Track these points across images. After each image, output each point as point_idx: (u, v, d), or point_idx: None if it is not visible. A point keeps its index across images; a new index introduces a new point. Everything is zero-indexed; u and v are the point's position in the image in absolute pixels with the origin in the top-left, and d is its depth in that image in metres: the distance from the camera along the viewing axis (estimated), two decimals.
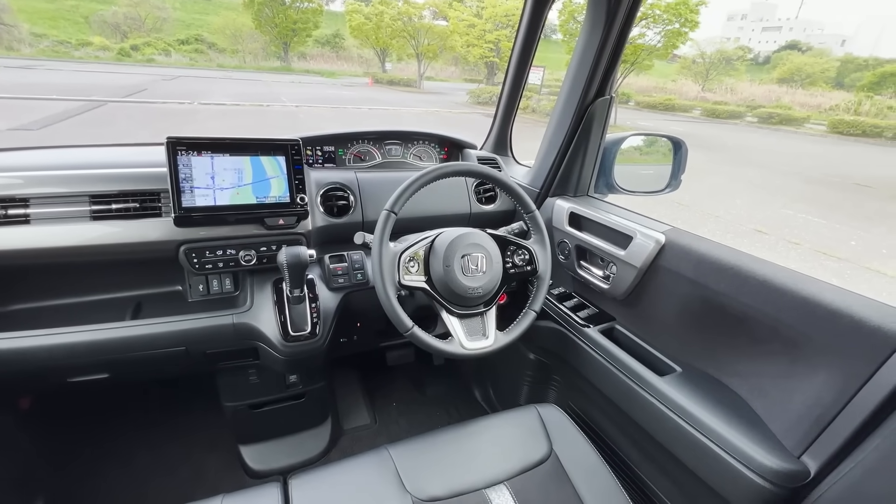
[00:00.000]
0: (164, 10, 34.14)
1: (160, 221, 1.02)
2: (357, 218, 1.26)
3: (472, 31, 22.36)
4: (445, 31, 24.25)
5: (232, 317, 1.10)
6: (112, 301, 1.15)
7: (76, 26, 31.74)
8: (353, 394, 1.81)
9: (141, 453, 1.51)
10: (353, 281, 1.20)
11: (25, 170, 1.00)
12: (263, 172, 1.07)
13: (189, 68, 25.71)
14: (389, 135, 1.49)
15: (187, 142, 0.99)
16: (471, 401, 1.86)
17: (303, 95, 15.83)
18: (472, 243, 1.00)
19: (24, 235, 0.93)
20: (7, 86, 11.41)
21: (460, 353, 0.96)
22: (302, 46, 31.99)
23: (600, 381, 1.18)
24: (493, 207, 1.45)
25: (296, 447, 1.53)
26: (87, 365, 1.05)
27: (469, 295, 0.97)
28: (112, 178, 1.01)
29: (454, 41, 23.89)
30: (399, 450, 0.94)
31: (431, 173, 1.00)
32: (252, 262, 1.10)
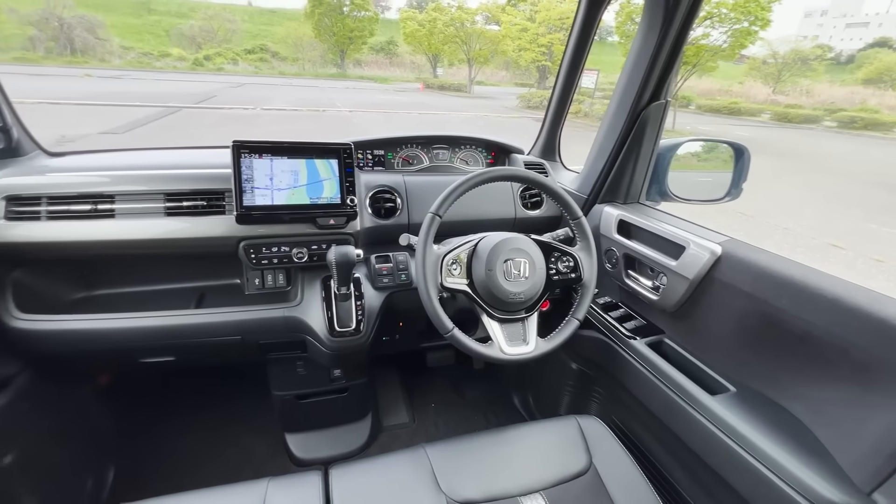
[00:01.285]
0: (234, 22, 36.69)
1: (223, 219, 1.10)
2: (403, 220, 1.29)
3: (524, 36, 22.19)
4: (497, 36, 24.23)
5: (283, 310, 1.17)
6: (179, 291, 1.26)
7: (158, 39, 34.81)
8: (393, 392, 1.85)
9: (198, 434, 1.62)
10: (397, 281, 1.23)
11: (112, 169, 1.12)
12: (317, 174, 1.13)
13: (254, 76, 27.42)
14: (437, 139, 1.52)
15: (250, 145, 1.06)
16: (509, 407, 1.84)
17: (356, 101, 16.39)
18: (515, 248, 0.99)
19: (109, 228, 1.04)
20: (100, 94, 12.71)
21: (499, 358, 0.96)
22: (357, 53, 33.19)
23: (646, 395, 1.13)
24: (538, 213, 1.44)
25: (337, 439, 1.58)
26: (156, 347, 1.15)
27: (510, 300, 0.97)
28: (184, 178, 1.11)
29: (506, 46, 23.81)
30: (436, 450, 0.95)
31: (476, 178, 1.01)
32: (304, 259, 1.16)
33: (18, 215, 1.00)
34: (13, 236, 0.99)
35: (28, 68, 19.09)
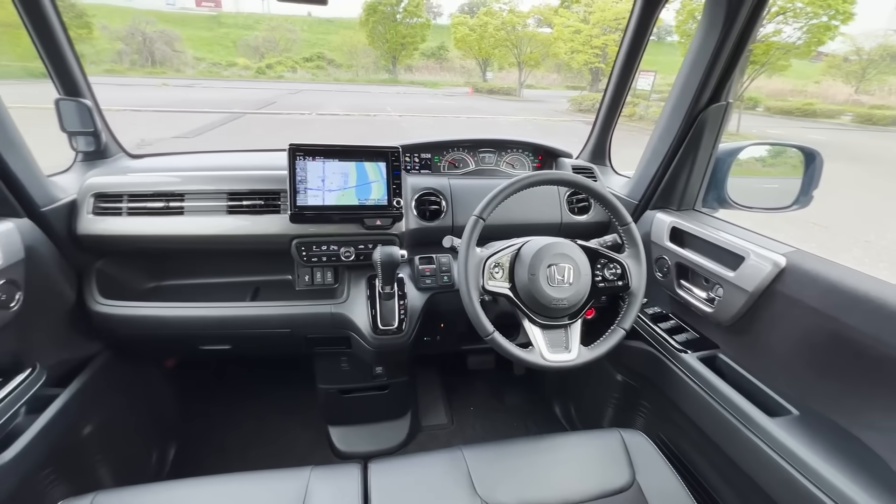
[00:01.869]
0: (294, 32, 38.67)
1: (278, 217, 1.17)
2: (447, 222, 1.30)
3: (577, 38, 21.71)
4: (549, 39, 23.89)
5: (330, 306, 1.21)
6: (236, 284, 1.34)
7: (226, 50, 37.33)
8: (432, 392, 1.87)
9: (248, 420, 1.72)
10: (439, 283, 1.25)
11: (183, 170, 1.22)
12: (366, 176, 1.17)
13: (310, 83, 28.72)
14: (483, 143, 1.53)
15: (304, 148, 1.13)
16: (550, 416, 1.80)
17: (406, 105, 16.74)
18: (559, 253, 0.98)
19: (179, 224, 1.14)
20: (174, 101, 13.84)
21: (540, 364, 0.95)
22: (409, 59, 33.91)
23: (697, 413, 1.07)
24: (585, 218, 1.40)
25: (377, 435, 1.62)
26: (215, 336, 1.24)
27: (553, 305, 0.96)
28: (244, 179, 1.19)
29: (557, 48, 23.41)
30: (473, 452, 0.95)
31: (522, 181, 1.00)
32: (351, 258, 1.20)
33: (103, 211, 1.12)
34: (99, 229, 1.11)
35: (116, 79, 21.13)
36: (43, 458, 0.96)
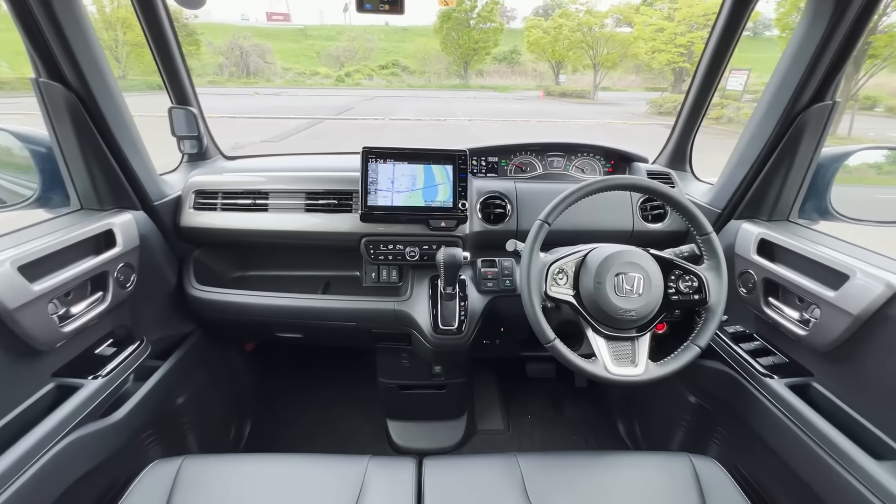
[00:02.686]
0: (372, 41, 40.60)
1: (350, 216, 1.23)
2: (512, 226, 1.29)
3: (659, 36, 20.53)
4: (628, 38, 22.82)
5: (394, 304, 1.26)
6: (310, 278, 1.44)
7: (310, 60, 40.11)
8: (489, 397, 1.86)
9: (315, 407, 1.83)
10: (501, 286, 1.24)
11: (268, 171, 1.34)
12: (433, 179, 1.20)
13: (385, 89, 29.98)
14: (552, 146, 1.49)
15: (376, 151, 1.18)
16: (612, 433, 1.71)
17: (476, 110, 16.85)
18: (629, 262, 0.93)
19: (264, 219, 1.25)
20: (263, 108, 15.15)
21: (603, 376, 0.91)
22: (480, 64, 34.16)
23: (783, 446, 0.96)
24: (660, 227, 1.32)
25: (433, 433, 1.64)
26: (289, 324, 1.33)
27: (620, 316, 0.91)
28: (321, 180, 1.27)
29: (637, 48, 22.29)
30: (529, 460, 0.94)
31: (591, 186, 0.97)
32: (415, 257, 1.24)
33: (202, 206, 1.26)
34: (197, 222, 1.25)
35: (216, 89, 23.56)
36: (145, 420, 1.10)
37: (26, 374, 0.85)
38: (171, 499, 0.83)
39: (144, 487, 0.85)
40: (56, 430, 0.82)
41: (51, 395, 0.89)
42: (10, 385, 0.82)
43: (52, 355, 0.90)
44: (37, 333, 0.81)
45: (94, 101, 0.95)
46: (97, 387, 0.93)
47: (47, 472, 0.79)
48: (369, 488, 0.88)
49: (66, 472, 0.85)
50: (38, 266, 0.83)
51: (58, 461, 0.82)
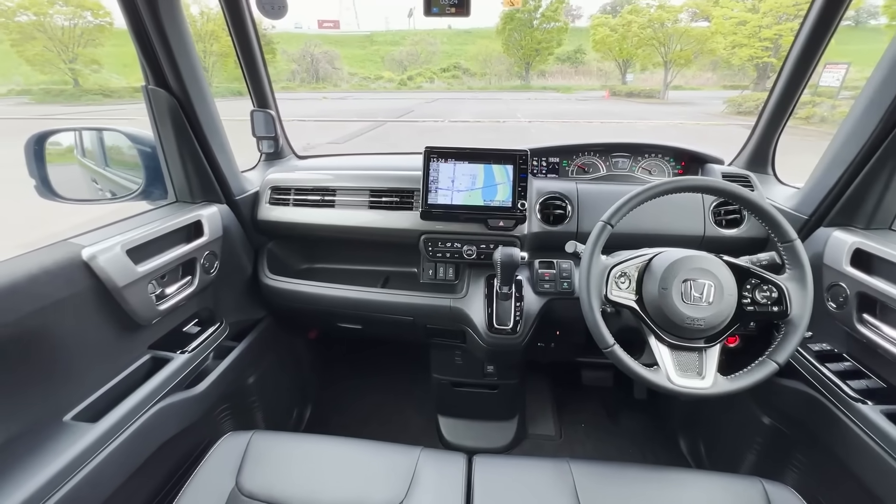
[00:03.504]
0: (434, 44, 41.31)
1: (410, 214, 1.27)
2: (571, 228, 1.27)
3: (741, 30, 18.98)
4: (705, 34, 21.35)
5: (450, 301, 1.28)
6: (370, 272, 1.50)
7: (375, 65, 41.58)
8: (542, 401, 1.83)
9: (371, 397, 1.90)
10: (558, 288, 1.22)
11: (335, 170, 1.42)
12: (493, 178, 1.20)
13: (445, 92, 30.35)
14: (617, 147, 1.44)
15: (438, 150, 1.21)
16: (673, 449, 1.62)
17: (536, 111, 16.58)
18: (698, 268, 0.88)
19: (331, 215, 1.32)
20: (330, 112, 15.94)
21: (665, 387, 0.87)
22: (543, 65, 33.58)
23: (881, 485, 0.86)
24: (735, 232, 1.23)
25: (483, 433, 1.65)
26: (350, 315, 1.40)
27: (687, 325, 0.86)
28: (384, 178, 1.33)
29: (715, 43, 20.78)
30: (581, 468, 0.92)
31: (659, 187, 0.93)
32: (472, 256, 1.25)
33: (277, 201, 1.36)
34: (272, 216, 1.35)
35: (288, 94, 25.16)
36: (221, 395, 1.21)
37: (129, 345, 0.97)
38: (241, 467, 0.90)
39: (219, 455, 0.94)
40: (150, 396, 0.93)
41: (147, 365, 1.00)
42: (117, 353, 0.94)
43: (148, 330, 1.02)
44: (138, 309, 0.92)
45: (191, 105, 1.06)
46: (184, 361, 1.03)
47: (142, 432, 0.90)
48: (420, 478, 0.90)
49: (157, 435, 0.96)
50: (141, 251, 0.94)
51: (150, 424, 0.92)
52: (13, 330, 0.71)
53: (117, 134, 1.22)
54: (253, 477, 0.89)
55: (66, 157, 1.29)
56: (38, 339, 0.77)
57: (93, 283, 0.84)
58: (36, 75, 24.94)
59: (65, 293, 0.79)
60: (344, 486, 0.88)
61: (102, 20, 24.40)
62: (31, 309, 0.74)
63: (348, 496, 0.86)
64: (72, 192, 1.16)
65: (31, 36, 23.16)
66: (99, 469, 0.80)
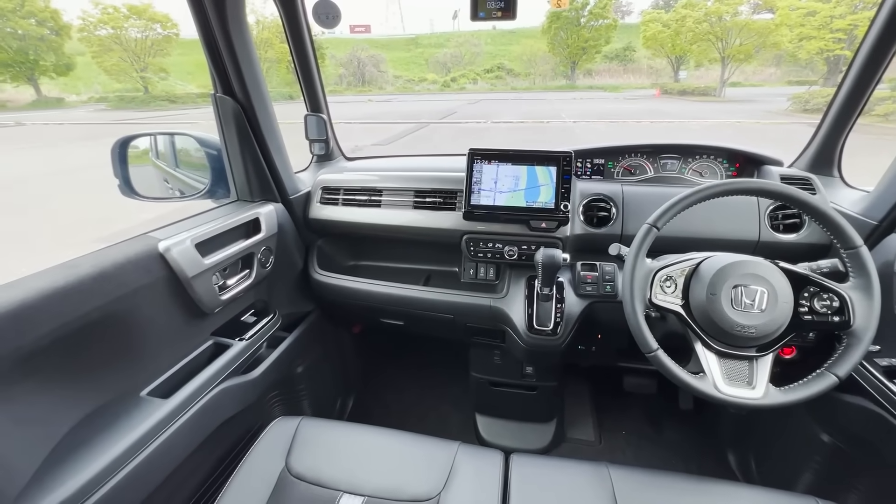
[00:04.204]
0: (479, 45, 41.31)
1: (453, 214, 1.30)
2: (616, 230, 1.25)
3: (809, 21, 17.63)
4: (768, 26, 20.02)
5: (490, 300, 1.30)
6: (413, 270, 1.54)
7: (419, 67, 42.13)
8: (581, 406, 1.80)
9: (410, 392, 1.95)
10: (600, 291, 1.20)
11: (380, 171, 1.47)
12: (536, 180, 1.21)
13: (489, 93, 30.27)
14: (665, 148, 1.40)
15: (482, 152, 1.24)
16: (720, 463, 1.55)
17: (582, 111, 16.19)
18: (750, 273, 0.85)
19: (377, 214, 1.38)
20: (376, 114, 16.35)
21: (711, 395, 0.84)
22: (589, 63, 32.74)
23: None
24: (793, 238, 1.17)
25: (520, 434, 1.65)
26: (393, 311, 1.45)
27: (736, 332, 0.83)
28: (428, 179, 1.36)
29: (780, 36, 19.45)
30: (621, 474, 0.91)
31: (708, 189, 0.90)
32: (513, 256, 1.26)
33: (327, 200, 1.43)
34: (322, 214, 1.42)
35: (336, 98, 26.02)
36: (273, 382, 1.29)
37: (195, 330, 1.06)
38: (290, 450, 0.96)
39: (271, 438, 1.01)
40: (213, 378, 1.01)
41: (210, 350, 1.09)
42: (185, 337, 1.03)
43: (212, 318, 1.11)
44: (204, 298, 1.01)
45: (253, 111, 1.15)
46: (241, 348, 1.12)
47: (205, 411, 0.98)
48: (458, 472, 0.93)
49: (217, 414, 1.04)
50: (208, 245, 1.03)
51: (212, 403, 1.00)
52: (102, 312, 0.81)
53: (187, 138, 1.33)
54: (301, 459, 0.95)
55: (142, 158, 1.43)
56: (122, 321, 0.86)
57: (166, 273, 0.93)
58: (112, 83, 27.34)
59: (144, 281, 0.88)
60: (385, 474, 0.92)
61: (170, 31, 26.36)
62: (117, 294, 0.83)
63: (389, 484, 0.90)
64: (147, 191, 1.29)
65: (108, 48, 25.35)
66: (169, 441, 0.88)
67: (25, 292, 0.69)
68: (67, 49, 24.52)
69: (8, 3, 22.59)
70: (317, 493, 0.88)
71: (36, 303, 0.69)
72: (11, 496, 0.66)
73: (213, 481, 1.11)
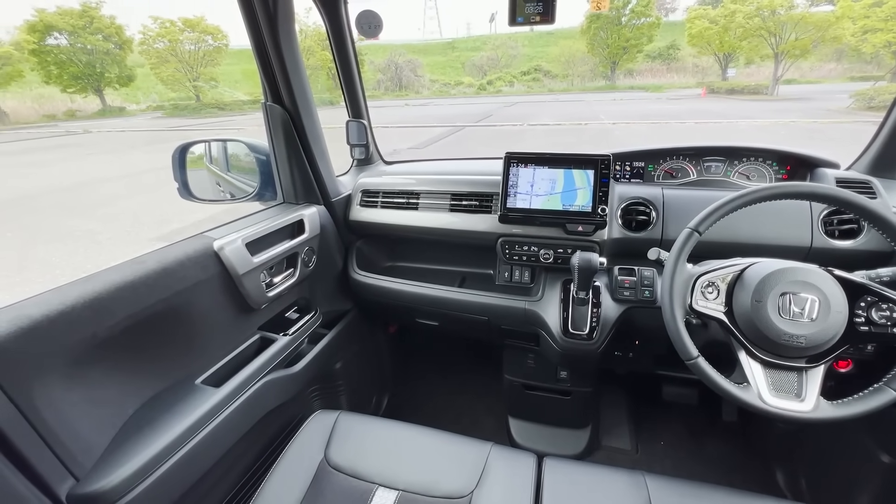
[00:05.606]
0: (515, 48, 41.04)
1: (489, 217, 1.32)
2: (656, 235, 1.22)
3: (875, 12, 16.39)
4: (827, 19, 18.77)
5: (525, 303, 1.30)
6: (448, 272, 1.57)
7: (455, 71, 42.36)
8: (617, 414, 1.76)
9: (444, 392, 1.97)
10: (639, 296, 1.18)
11: (417, 174, 1.51)
12: (573, 183, 1.20)
13: (525, 95, 30.02)
14: (709, 150, 1.35)
15: (518, 156, 1.24)
16: (768, 481, 1.47)
17: (622, 112, 15.75)
18: (800, 281, 0.81)
19: (415, 216, 1.41)
20: (412, 118, 16.57)
21: (755, 405, 0.81)
22: (630, 63, 31.81)
23: None
24: (850, 244, 1.10)
25: (553, 439, 1.63)
26: (428, 312, 1.48)
27: (784, 342, 0.80)
28: (464, 183, 1.38)
29: (841, 29, 18.19)
30: (659, 483, 0.89)
31: (754, 194, 0.87)
32: (549, 260, 1.26)
33: (367, 203, 1.48)
34: (362, 217, 1.47)
35: (373, 102, 26.59)
36: (313, 376, 1.34)
37: (244, 324, 1.13)
38: (329, 442, 1.01)
39: (311, 430, 1.05)
40: (259, 370, 1.08)
41: (256, 344, 1.16)
42: (236, 331, 1.10)
43: (259, 314, 1.17)
44: (253, 294, 1.07)
45: (300, 118, 1.21)
46: (285, 342, 1.18)
47: (252, 401, 1.04)
48: (490, 472, 0.94)
49: (263, 404, 1.10)
50: (256, 244, 1.09)
51: (258, 394, 1.07)
52: (165, 305, 0.88)
53: (239, 143, 1.42)
54: (340, 452, 0.99)
55: (198, 163, 1.53)
56: (181, 313, 0.93)
57: (220, 270, 1.00)
58: (167, 93, 29.19)
59: (201, 276, 0.95)
60: (419, 470, 0.95)
61: (220, 42, 27.87)
62: (178, 288, 0.90)
63: (423, 479, 0.92)
64: (202, 193, 1.38)
65: (165, 59, 27.11)
66: (219, 428, 0.94)
67: (101, 284, 0.77)
68: (129, 61, 26.46)
69: (79, 21, 24.64)
70: (354, 485, 0.92)
71: (109, 294, 0.77)
72: (87, 468, 0.74)
73: (258, 469, 1.17)
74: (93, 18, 24.91)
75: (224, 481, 1.07)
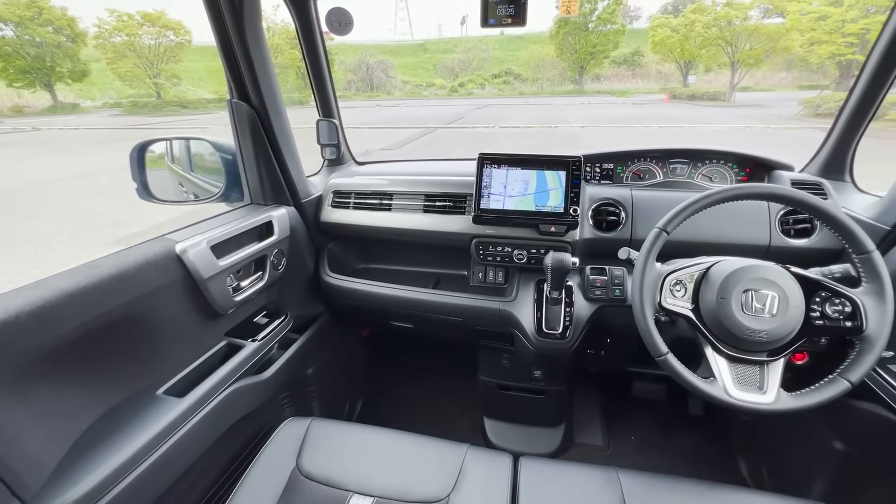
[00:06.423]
0: (486, 51, 41.47)
1: (463, 218, 1.32)
2: (625, 235, 1.25)
3: (821, 25, 17.47)
4: (778, 31, 19.91)
5: (499, 304, 1.30)
6: (422, 274, 1.55)
7: (427, 72, 42.37)
8: (590, 411, 1.80)
9: (419, 395, 1.95)
10: (609, 295, 1.21)
11: (390, 175, 1.49)
12: (545, 184, 1.22)
13: (496, 97, 30.33)
14: (675, 153, 1.40)
15: (492, 157, 1.25)
16: (730, 470, 1.53)
17: (589, 116, 16.16)
18: (761, 278, 0.85)
19: (388, 217, 1.39)
20: (384, 119, 16.45)
21: (722, 399, 0.84)
22: (597, 68, 32.72)
23: None
24: (804, 243, 1.16)
25: (528, 438, 1.64)
26: (402, 314, 1.46)
27: (747, 337, 0.83)
28: (438, 184, 1.38)
29: (790, 41, 19.31)
30: (631, 478, 0.90)
31: (719, 194, 0.90)
32: (522, 260, 1.27)
33: (338, 204, 1.45)
34: (333, 218, 1.44)
35: (344, 103, 26.06)
36: (284, 382, 1.30)
37: (210, 330, 1.08)
38: (301, 450, 0.98)
39: (282, 438, 1.02)
40: (226, 378, 1.03)
41: (223, 351, 1.11)
42: (200, 337, 1.05)
43: (225, 319, 1.12)
44: (219, 299, 1.03)
45: (267, 116, 1.17)
46: (254, 348, 1.13)
47: (218, 410, 1.00)
48: (467, 474, 0.93)
49: (230, 413, 1.05)
50: (222, 247, 1.05)
51: (225, 403, 1.02)
52: (122, 311, 0.83)
53: (202, 142, 1.36)
54: (312, 459, 0.96)
55: (158, 163, 1.46)
56: (140, 320, 0.88)
57: (183, 274, 0.95)
58: (125, 89, 27.85)
59: (163, 281, 0.91)
60: (394, 475, 0.93)
61: (183, 38, 26.81)
62: (137, 294, 0.85)
63: (398, 485, 0.91)
64: (162, 194, 1.31)
65: (122, 55, 25.83)
66: (183, 440, 0.89)
67: (50, 291, 0.71)
68: (83, 56, 25.06)
69: (27, 12, 23.16)
70: (327, 493, 0.89)
71: (60, 301, 0.72)
72: (35, 489, 0.68)
73: (226, 480, 1.12)
74: (42, 9, 23.46)
75: (190, 495, 1.02)
